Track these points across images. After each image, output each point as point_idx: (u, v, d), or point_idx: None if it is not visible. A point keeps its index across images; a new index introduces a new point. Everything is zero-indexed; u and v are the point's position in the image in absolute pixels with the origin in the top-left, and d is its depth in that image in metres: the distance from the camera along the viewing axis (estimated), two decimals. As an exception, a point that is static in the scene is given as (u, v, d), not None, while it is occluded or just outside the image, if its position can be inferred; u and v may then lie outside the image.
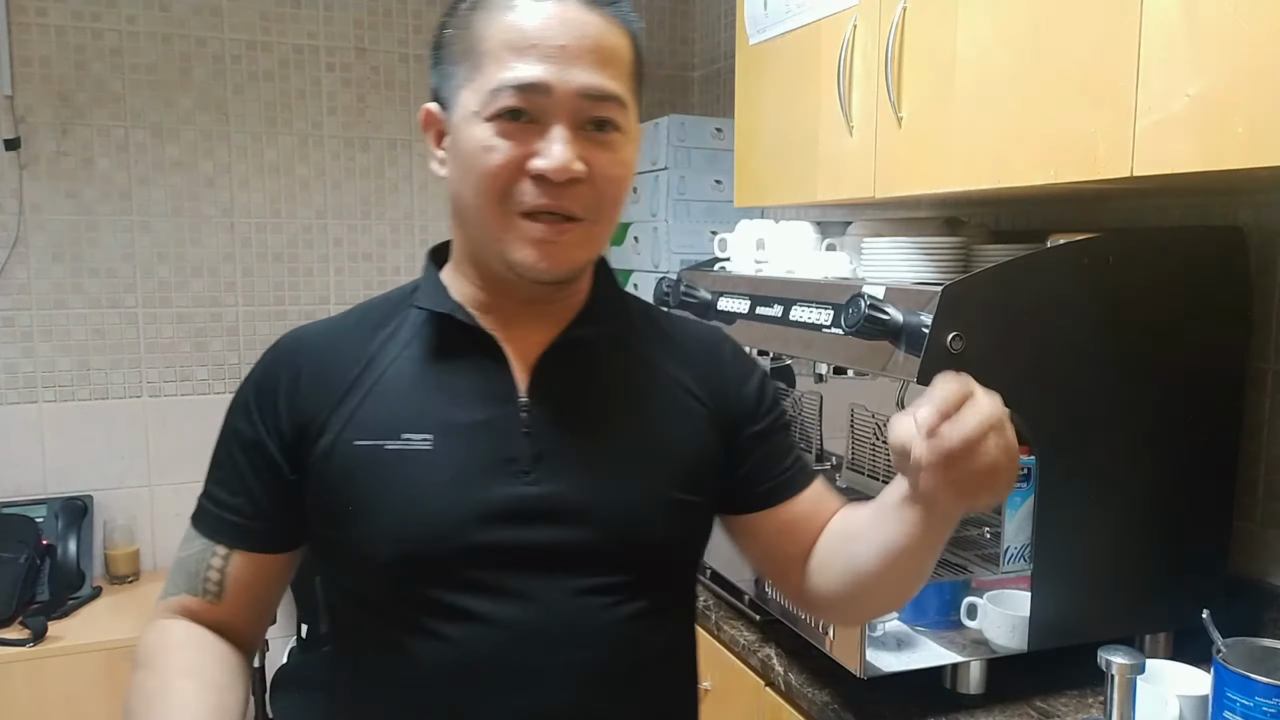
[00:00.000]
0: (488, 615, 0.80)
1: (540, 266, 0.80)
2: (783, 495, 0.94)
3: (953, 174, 1.30)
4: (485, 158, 0.78)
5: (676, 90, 2.95)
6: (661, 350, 0.92)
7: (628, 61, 0.82)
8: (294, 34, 2.54)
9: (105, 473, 2.44)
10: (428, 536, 0.80)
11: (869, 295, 1.14)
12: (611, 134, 0.81)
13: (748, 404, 0.93)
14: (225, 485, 0.87)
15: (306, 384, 0.85)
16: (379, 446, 0.81)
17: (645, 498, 0.85)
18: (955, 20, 1.28)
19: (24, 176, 2.32)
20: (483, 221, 0.81)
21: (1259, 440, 1.33)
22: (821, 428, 1.76)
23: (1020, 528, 1.21)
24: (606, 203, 0.82)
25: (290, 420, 0.84)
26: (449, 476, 0.81)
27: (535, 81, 0.76)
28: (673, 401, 0.89)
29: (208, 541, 0.87)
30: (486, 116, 0.78)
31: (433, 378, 0.85)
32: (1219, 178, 1.04)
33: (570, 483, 0.82)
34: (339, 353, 0.86)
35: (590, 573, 0.82)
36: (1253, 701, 0.99)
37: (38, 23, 2.30)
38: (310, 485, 0.84)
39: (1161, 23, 1.01)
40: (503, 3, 0.79)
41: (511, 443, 0.82)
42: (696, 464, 0.88)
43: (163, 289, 2.47)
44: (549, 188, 0.77)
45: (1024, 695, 1.23)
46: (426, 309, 0.86)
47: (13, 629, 2.09)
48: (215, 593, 0.86)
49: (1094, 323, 1.18)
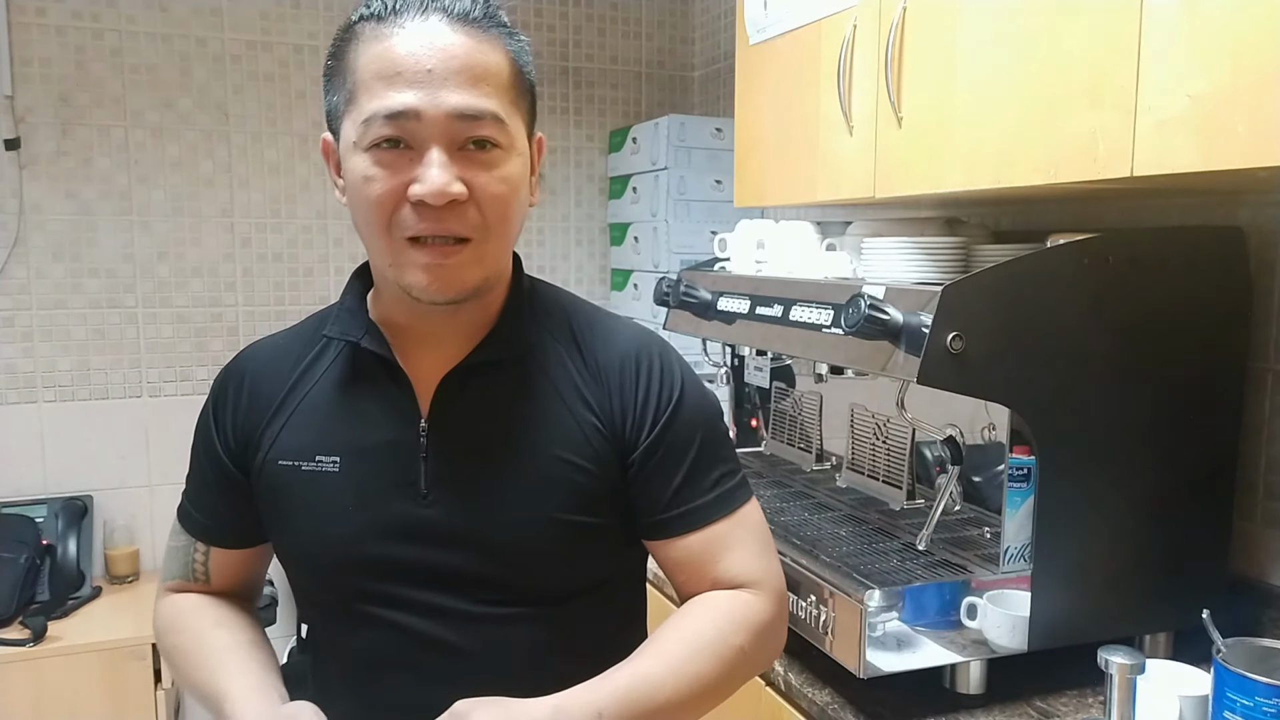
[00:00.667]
0: (393, 621, 0.87)
1: (431, 290, 0.81)
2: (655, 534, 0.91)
3: (953, 174, 1.30)
4: (367, 189, 0.80)
5: (676, 90, 2.95)
6: (570, 367, 0.90)
7: (504, 76, 0.82)
8: (294, 34, 2.54)
9: (105, 473, 2.44)
10: (332, 553, 0.87)
11: (869, 295, 1.14)
12: (491, 151, 0.81)
13: (639, 427, 0.89)
14: (196, 489, 0.97)
15: (246, 402, 0.93)
16: (296, 467, 0.88)
17: (531, 522, 0.86)
18: (955, 20, 1.28)
19: (24, 176, 2.32)
20: (376, 249, 0.84)
21: (1259, 440, 1.33)
22: (821, 428, 1.76)
23: (1020, 528, 1.21)
24: (493, 220, 0.82)
25: (235, 435, 0.93)
26: (352, 498, 0.87)
27: (404, 109, 0.77)
28: (570, 422, 0.88)
29: (189, 538, 0.97)
30: (365, 147, 0.79)
31: (345, 402, 0.90)
32: (1219, 178, 1.04)
33: (461, 507, 0.86)
34: (273, 373, 0.93)
35: (482, 592, 0.86)
36: (1253, 701, 0.99)
37: (38, 23, 2.30)
38: (254, 493, 0.93)
39: (1161, 23, 1.01)
40: (371, 33, 0.81)
41: (411, 466, 0.86)
42: (588, 485, 0.87)
43: (163, 289, 2.47)
44: (430, 212, 0.79)
45: (1024, 695, 1.23)
46: (336, 338, 0.91)
47: (13, 629, 2.09)
48: (204, 579, 0.98)
49: (1094, 323, 1.18)
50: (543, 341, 0.91)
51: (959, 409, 1.33)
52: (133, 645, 2.11)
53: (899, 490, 1.48)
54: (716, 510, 0.91)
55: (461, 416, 0.87)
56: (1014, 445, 1.21)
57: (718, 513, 0.91)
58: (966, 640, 1.21)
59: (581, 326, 0.94)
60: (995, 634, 1.21)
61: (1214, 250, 1.26)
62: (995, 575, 1.22)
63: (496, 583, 0.86)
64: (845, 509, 1.56)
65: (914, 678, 1.20)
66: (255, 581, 1.03)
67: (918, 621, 1.20)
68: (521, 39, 0.86)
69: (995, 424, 1.32)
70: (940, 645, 1.20)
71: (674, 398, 0.91)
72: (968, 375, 1.11)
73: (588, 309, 0.98)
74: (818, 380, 1.72)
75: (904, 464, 1.46)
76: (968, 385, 1.14)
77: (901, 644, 1.19)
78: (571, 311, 0.95)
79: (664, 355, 0.93)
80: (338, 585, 0.88)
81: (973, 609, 1.21)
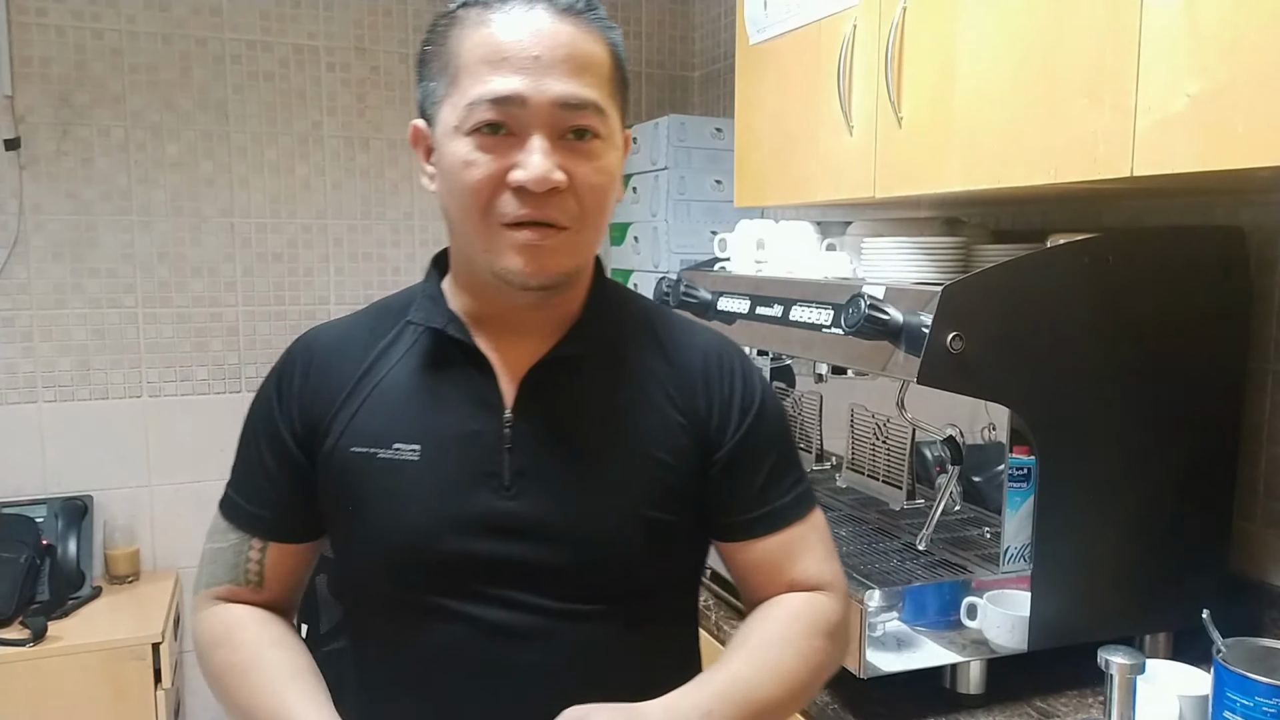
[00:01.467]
0: (470, 616, 0.84)
1: (526, 272, 0.81)
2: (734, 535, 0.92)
3: (953, 174, 1.30)
4: (466, 173, 0.79)
5: (676, 90, 2.95)
6: (653, 364, 0.90)
7: (605, 68, 0.83)
8: (294, 34, 2.54)
9: (105, 473, 2.44)
10: (410, 544, 0.84)
11: (869, 295, 1.14)
12: (591, 142, 0.81)
13: (724, 426, 0.90)
14: (251, 477, 0.92)
15: (315, 383, 0.89)
16: (373, 455, 0.85)
17: (617, 517, 0.85)
18: (955, 20, 1.28)
19: (24, 176, 2.32)
20: (469, 234, 0.83)
21: (1259, 440, 1.33)
22: (821, 428, 1.76)
23: (1020, 528, 1.21)
24: (590, 210, 0.82)
25: (301, 416, 0.89)
26: (432, 488, 0.84)
27: (510, 94, 0.77)
28: (656, 418, 0.88)
29: (243, 535, 0.92)
30: (466, 131, 0.79)
31: (426, 388, 0.87)
32: (1219, 178, 1.04)
33: (546, 500, 0.84)
34: (343, 356, 0.90)
35: (564, 587, 0.84)
36: (1253, 701, 0.99)
37: (38, 23, 2.30)
38: (318, 481, 0.89)
39: (1161, 23, 1.01)
40: (477, 18, 0.80)
41: (494, 457, 0.85)
42: (674, 483, 0.87)
43: (163, 289, 2.47)
44: (530, 198, 0.78)
45: (1024, 695, 1.23)
46: (420, 324, 0.89)
47: (13, 629, 2.09)
48: (257, 581, 0.92)
49: (1094, 323, 1.18)
50: (625, 337, 0.91)
51: (959, 409, 1.34)
52: (133, 645, 2.11)
53: (899, 490, 1.48)
54: (795, 512, 0.92)
55: (547, 409, 0.86)
56: (1014, 445, 1.21)
57: (795, 515, 0.92)
58: (966, 640, 1.21)
59: (661, 325, 0.94)
60: (995, 634, 1.21)
61: (1214, 250, 1.26)
62: (995, 575, 1.22)
63: (577, 579, 0.84)
64: (845, 509, 1.56)
65: (914, 678, 1.20)
66: (303, 587, 0.98)
67: (918, 621, 1.20)
68: (619, 34, 0.86)
69: (995, 424, 1.32)
70: (940, 645, 1.21)
71: (757, 399, 0.91)
72: (967, 375, 1.11)
73: (664, 310, 0.99)
74: (818, 380, 1.72)
75: (904, 464, 1.46)
76: (968, 385, 1.14)
77: (901, 644, 1.19)
78: (650, 310, 0.96)
79: (743, 357, 0.95)
80: (409, 578, 0.85)
81: (973, 609, 1.21)
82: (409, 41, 2.64)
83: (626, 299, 0.96)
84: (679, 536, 0.89)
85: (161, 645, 2.13)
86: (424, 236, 2.70)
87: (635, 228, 2.57)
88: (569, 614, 0.84)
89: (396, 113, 2.65)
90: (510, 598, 0.84)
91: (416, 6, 2.64)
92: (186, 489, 2.51)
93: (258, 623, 0.90)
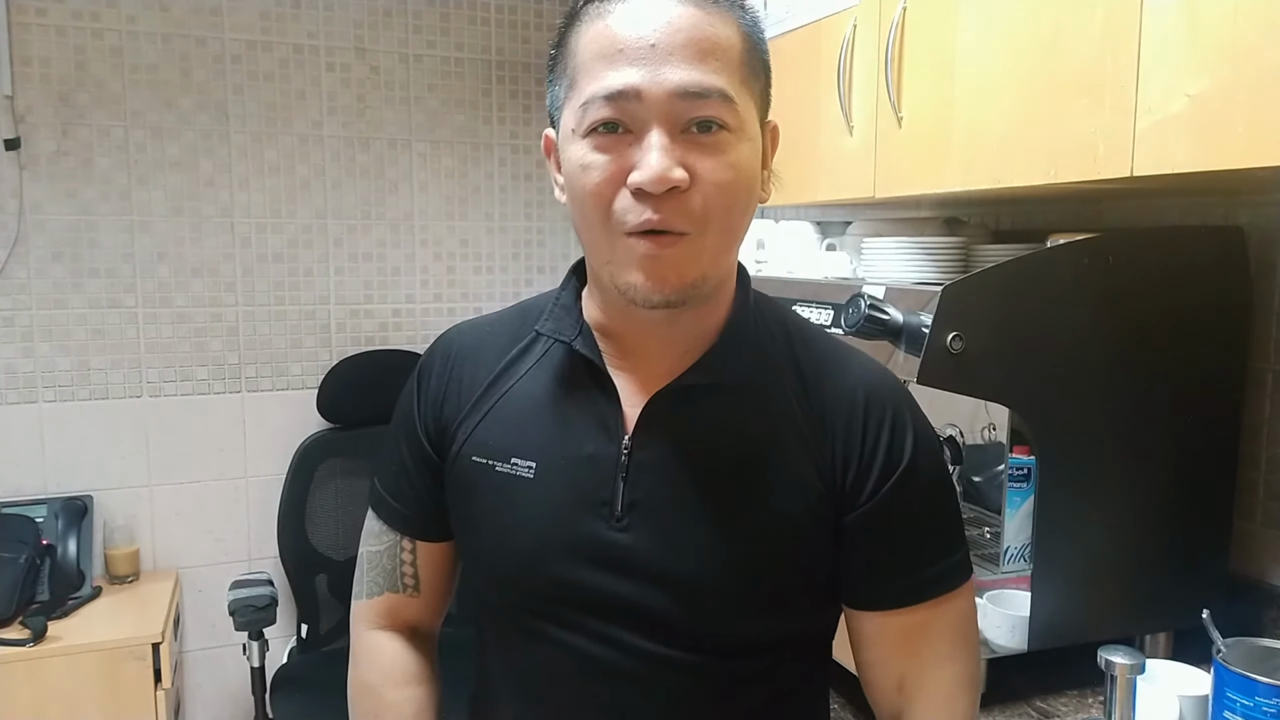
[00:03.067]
0: (565, 644, 0.81)
1: (646, 288, 0.74)
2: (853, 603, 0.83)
3: (953, 174, 1.30)
4: (584, 177, 0.74)
5: (676, 90, 2.94)
6: (793, 401, 0.81)
7: (735, 52, 0.75)
8: (294, 34, 2.54)
9: (105, 473, 2.44)
10: (512, 563, 0.82)
11: (869, 295, 1.14)
12: (718, 134, 0.73)
13: (860, 485, 0.80)
14: (395, 476, 0.92)
15: (450, 387, 0.88)
16: (490, 466, 0.83)
17: (724, 567, 0.78)
18: (955, 20, 1.28)
19: (24, 176, 2.32)
20: (593, 245, 0.77)
21: (1259, 440, 1.33)
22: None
23: (1020, 528, 1.21)
24: (714, 212, 0.73)
25: (435, 417, 0.89)
26: (543, 509, 0.81)
27: (623, 88, 0.71)
28: (786, 465, 0.80)
29: (394, 535, 0.92)
30: (583, 133, 0.74)
31: (549, 404, 0.84)
32: (1219, 178, 1.04)
33: (655, 537, 0.78)
34: (477, 361, 0.88)
35: (660, 631, 0.79)
36: (1253, 701, 0.99)
37: (38, 23, 2.30)
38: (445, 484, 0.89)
39: (1161, 23, 1.01)
40: (594, 12, 0.75)
41: (608, 485, 0.80)
42: (798, 538, 0.79)
43: (163, 289, 2.47)
44: (649, 201, 0.71)
45: (1024, 695, 1.23)
46: (548, 334, 0.85)
47: (13, 629, 2.08)
48: (413, 585, 0.92)
49: (1094, 323, 1.18)
50: (764, 366, 0.83)
51: (959, 409, 1.34)
52: (133, 645, 2.11)
53: (899, 490, 1.47)
54: (925, 592, 0.82)
55: (667, 440, 0.80)
56: (1014, 445, 1.21)
57: (930, 594, 0.82)
58: (966, 640, 1.21)
59: (807, 356, 0.84)
60: (995, 634, 1.21)
61: (1214, 250, 1.26)
62: (995, 575, 1.22)
63: (676, 624, 0.78)
64: (845, 509, 1.56)
65: (914, 678, 1.20)
66: (453, 589, 0.97)
67: (918, 621, 1.20)
68: (754, 14, 0.79)
69: (995, 424, 1.32)
70: (940, 645, 1.20)
71: (905, 457, 0.80)
72: (968, 375, 1.11)
73: (817, 335, 0.88)
74: (818, 380, 1.72)
75: (904, 464, 1.46)
76: (968, 385, 1.14)
77: (901, 644, 1.19)
78: (797, 337, 0.86)
79: (898, 402, 0.83)
80: (514, 598, 0.83)
81: (973, 609, 1.21)
82: (409, 41, 2.65)
83: (772, 321, 0.86)
84: (801, 596, 0.82)
85: (161, 645, 2.12)
86: (424, 236, 2.70)
87: (635, 228, 2.57)
88: (666, 661, 0.79)
89: (396, 113, 2.65)
90: (609, 634, 0.79)
91: (416, 7, 2.64)
92: (186, 489, 2.51)
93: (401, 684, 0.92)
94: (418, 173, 2.69)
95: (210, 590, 2.53)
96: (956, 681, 0.83)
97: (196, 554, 2.53)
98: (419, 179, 2.69)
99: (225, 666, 2.57)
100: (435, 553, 0.92)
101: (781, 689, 0.84)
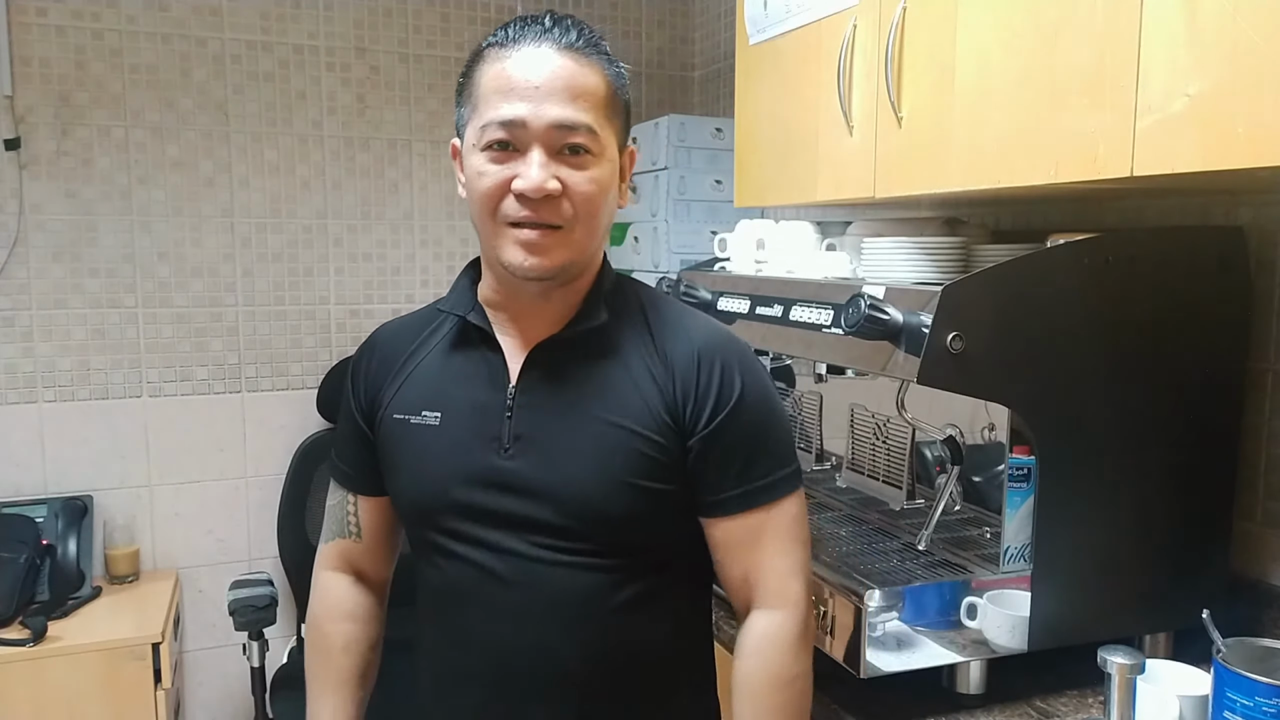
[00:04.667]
0: (469, 558, 1.01)
1: (526, 265, 0.96)
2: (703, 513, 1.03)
3: (953, 174, 1.30)
4: (480, 181, 0.96)
5: (676, 90, 2.95)
6: (643, 351, 1.02)
7: (600, 95, 0.97)
8: (294, 34, 2.54)
9: (105, 473, 2.44)
10: (428, 493, 1.03)
11: (869, 295, 1.14)
12: (584, 156, 0.96)
13: (696, 418, 1.00)
14: (341, 444, 1.15)
15: (376, 368, 1.10)
16: (406, 420, 1.05)
17: (593, 480, 0.97)
18: (955, 20, 1.28)
19: (24, 176, 2.32)
20: (484, 232, 1.00)
21: (1259, 440, 1.33)
22: (821, 428, 1.76)
23: (1020, 528, 1.21)
24: (581, 212, 0.97)
25: (365, 396, 1.10)
26: (447, 447, 1.02)
27: (513, 118, 0.94)
28: (636, 398, 0.99)
29: (343, 492, 1.15)
30: (481, 148, 0.96)
31: (451, 367, 1.06)
32: (1219, 178, 1.04)
33: (537, 461, 0.99)
34: (397, 343, 1.11)
35: (548, 537, 0.98)
36: (1253, 701, 0.99)
37: (38, 23, 2.30)
38: (376, 445, 1.09)
39: (1161, 23, 1.01)
40: (495, 55, 0.97)
41: (497, 424, 1.01)
42: (652, 456, 0.98)
43: (163, 289, 2.47)
44: (529, 203, 0.94)
45: (1024, 695, 1.23)
46: (448, 312, 1.07)
47: (13, 629, 2.08)
48: (356, 532, 1.15)
49: (1094, 323, 1.18)
50: (619, 326, 1.03)
51: (959, 409, 1.34)
52: (133, 645, 2.11)
53: (899, 490, 1.48)
54: (759, 499, 1.01)
55: (543, 384, 1.01)
56: (1014, 445, 1.21)
57: (760, 501, 1.01)
58: (966, 640, 1.21)
59: (657, 320, 1.05)
60: (995, 634, 1.21)
61: (1214, 250, 1.26)
62: (995, 575, 1.22)
63: (561, 530, 0.98)
64: (845, 509, 1.56)
65: (914, 678, 1.20)
66: (395, 540, 1.18)
67: (918, 621, 1.20)
68: (620, 66, 1.02)
69: (995, 424, 1.32)
70: (940, 645, 1.21)
71: (734, 395, 1.00)
72: (968, 375, 1.11)
73: (665, 304, 1.09)
74: (818, 380, 1.72)
75: (904, 464, 1.46)
76: (968, 385, 1.14)
77: (901, 644, 1.19)
78: (648, 304, 1.07)
79: (728, 354, 1.02)
80: (430, 524, 1.03)
81: (973, 609, 1.21)
82: (409, 41, 2.65)
83: (628, 294, 1.07)
84: (666, 504, 1.00)
85: (161, 645, 2.12)
86: (424, 236, 2.70)
87: (635, 228, 2.57)
88: (554, 563, 0.98)
89: (396, 113, 2.65)
90: (504, 543, 0.99)
91: (416, 6, 2.64)
92: (186, 489, 2.51)
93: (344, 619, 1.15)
94: (418, 173, 2.69)
95: (210, 590, 2.53)
96: (789, 570, 1.02)
97: (196, 554, 2.53)
98: (419, 179, 2.69)
99: (225, 666, 2.57)
100: (372, 505, 1.14)
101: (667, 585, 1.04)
